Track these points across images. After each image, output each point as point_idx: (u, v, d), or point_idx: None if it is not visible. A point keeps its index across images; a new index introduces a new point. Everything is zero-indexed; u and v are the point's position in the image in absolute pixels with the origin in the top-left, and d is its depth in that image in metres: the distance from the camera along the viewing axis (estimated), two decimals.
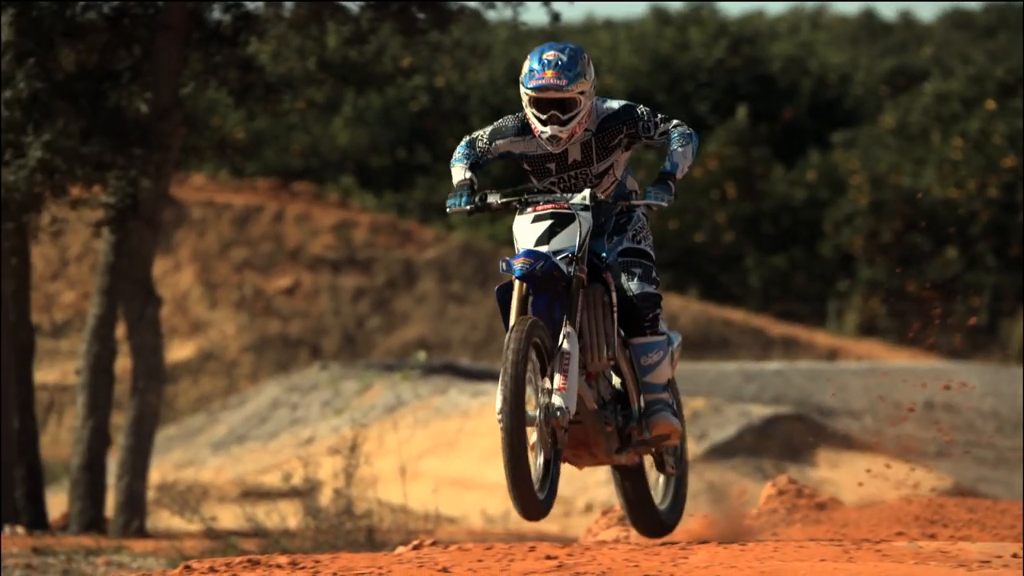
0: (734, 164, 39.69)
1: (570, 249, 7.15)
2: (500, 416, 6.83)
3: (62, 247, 32.70)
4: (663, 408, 7.42)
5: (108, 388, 15.55)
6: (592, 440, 7.31)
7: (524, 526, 19.00)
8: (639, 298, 7.38)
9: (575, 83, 7.26)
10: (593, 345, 7.25)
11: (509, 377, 6.82)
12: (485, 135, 7.45)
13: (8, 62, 14.92)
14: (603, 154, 7.40)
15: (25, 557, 12.91)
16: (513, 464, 6.83)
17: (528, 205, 7.29)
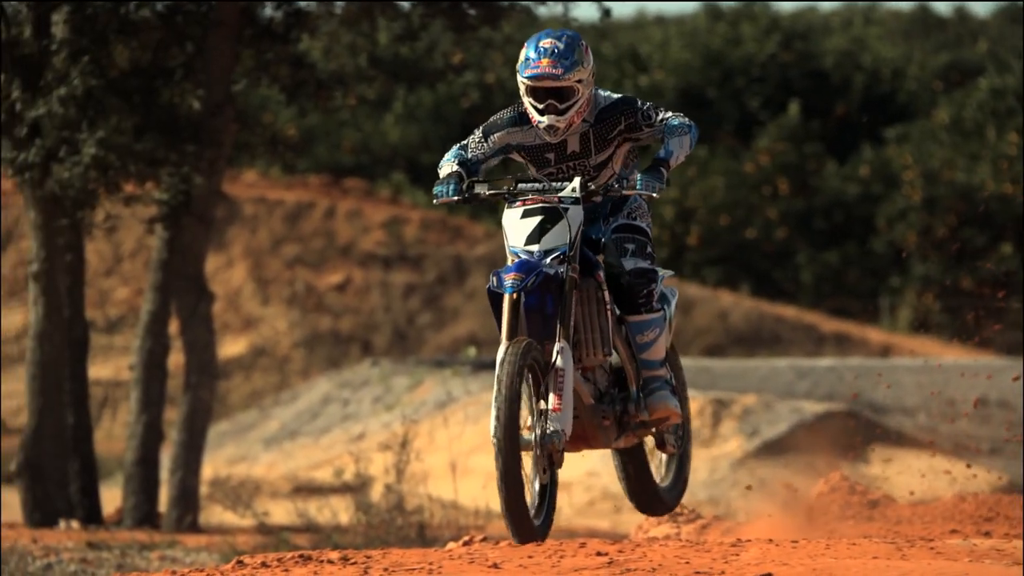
0: (786, 160, 39.50)
1: (562, 248, 6.99)
2: (494, 442, 6.71)
3: (116, 243, 32.93)
4: (661, 387, 7.27)
5: (161, 384, 15.65)
6: (590, 434, 7.18)
7: (574, 522, 18.98)
8: (632, 274, 7.20)
9: (572, 72, 7.11)
10: (588, 341, 7.11)
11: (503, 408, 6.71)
12: (477, 134, 7.27)
13: (63, 60, 15.03)
14: (601, 145, 7.20)
15: (80, 551, 13.00)
16: (508, 492, 6.71)
17: (517, 198, 7.10)
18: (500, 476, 6.74)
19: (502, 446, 6.71)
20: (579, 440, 7.18)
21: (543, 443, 6.86)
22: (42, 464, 15.32)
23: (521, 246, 7.02)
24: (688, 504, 9.59)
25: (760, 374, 26.41)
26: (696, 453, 21.60)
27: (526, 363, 6.80)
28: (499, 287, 6.90)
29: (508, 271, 6.93)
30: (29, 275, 15.55)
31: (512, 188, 7.12)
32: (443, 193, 7.13)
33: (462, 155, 7.23)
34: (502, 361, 6.78)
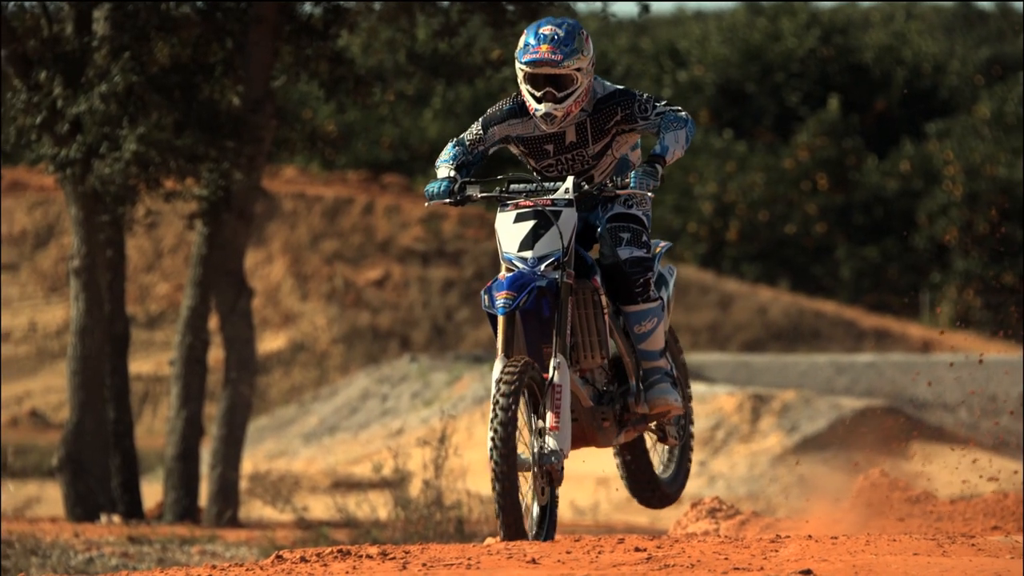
0: (826, 155, 39.34)
1: (556, 254, 6.85)
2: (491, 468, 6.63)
3: (156, 239, 33.09)
4: (661, 379, 7.13)
5: (201, 379, 15.71)
6: (589, 436, 7.06)
7: (613, 518, 18.97)
8: (628, 263, 7.04)
9: (571, 59, 6.94)
10: (585, 344, 6.99)
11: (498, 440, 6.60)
12: (476, 127, 7.10)
13: (104, 56, 15.11)
14: (598, 135, 7.04)
15: (121, 545, 13.07)
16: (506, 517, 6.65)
17: (509, 200, 6.96)
18: (498, 502, 6.65)
19: (499, 473, 6.61)
20: (579, 441, 7.08)
21: (541, 463, 6.77)
22: (83, 459, 15.40)
23: (515, 252, 6.88)
24: (727, 500, 9.56)
25: (799, 370, 26.32)
26: (735, 449, 21.56)
27: (522, 384, 6.67)
28: (491, 307, 6.76)
29: (500, 288, 6.77)
30: (70, 271, 15.64)
31: (504, 189, 6.99)
32: (434, 194, 7.00)
33: (460, 154, 7.09)
34: (498, 382, 6.65)
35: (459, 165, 7.08)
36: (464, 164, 7.10)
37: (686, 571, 5.95)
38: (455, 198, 6.99)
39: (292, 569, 6.35)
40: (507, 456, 6.61)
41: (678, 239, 39.33)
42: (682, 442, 7.46)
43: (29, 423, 30.17)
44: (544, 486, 6.81)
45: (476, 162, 7.11)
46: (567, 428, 6.77)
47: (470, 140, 7.11)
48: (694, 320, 34.77)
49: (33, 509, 20.44)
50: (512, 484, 6.64)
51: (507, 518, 6.65)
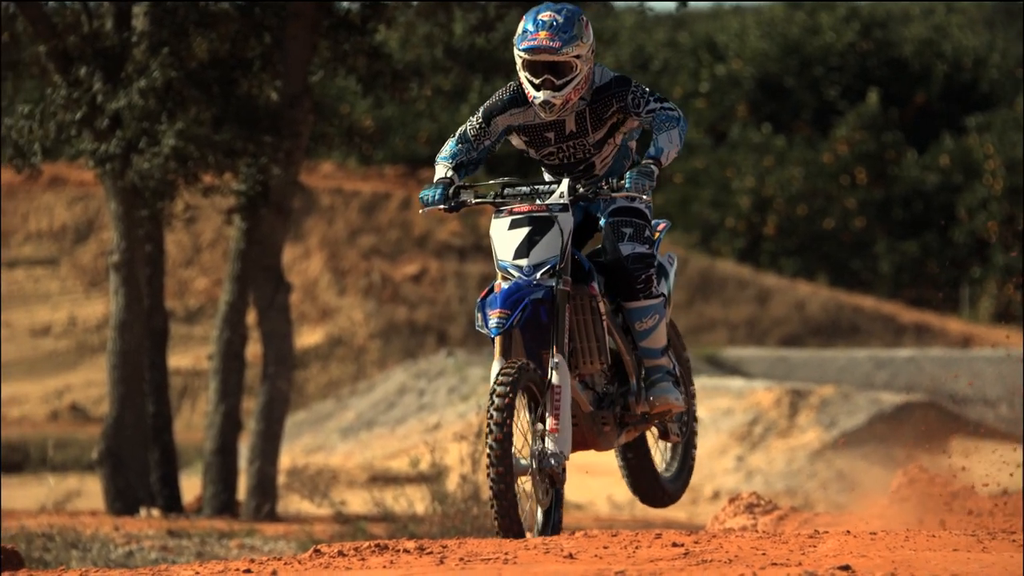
0: (865, 149, 39.16)
1: (552, 261, 6.72)
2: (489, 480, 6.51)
3: (195, 234, 33.22)
4: (663, 378, 7.01)
5: (239, 373, 15.76)
6: (590, 441, 6.95)
7: (650, 513, 18.94)
8: (630, 259, 6.91)
9: (570, 46, 6.79)
10: (584, 350, 6.86)
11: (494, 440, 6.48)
12: (477, 119, 6.96)
13: (143, 52, 15.17)
14: (597, 125, 6.93)
15: (160, 539, 13.12)
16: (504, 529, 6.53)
17: (504, 206, 6.84)
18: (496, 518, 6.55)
19: (497, 490, 6.53)
20: (579, 446, 6.97)
21: (542, 467, 6.66)
22: (123, 453, 15.48)
23: (510, 260, 6.76)
24: (765, 495, 9.53)
25: (838, 365, 26.22)
26: (773, 444, 21.49)
27: (519, 388, 6.56)
28: (484, 326, 6.67)
29: (493, 306, 6.66)
30: (110, 265, 15.71)
31: (499, 194, 6.87)
32: (429, 200, 6.88)
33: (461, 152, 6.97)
34: (493, 391, 6.54)
35: (458, 164, 6.96)
36: (465, 163, 6.98)
37: (724, 566, 5.94)
38: (449, 204, 6.88)
39: (330, 563, 6.36)
40: (504, 475, 6.50)
41: (715, 233, 39.23)
42: (684, 439, 7.35)
43: (69, 417, 30.35)
44: (546, 489, 6.70)
45: (481, 159, 7.00)
46: (567, 430, 6.65)
47: (474, 135, 6.99)
48: (732, 315, 34.68)
49: (73, 502, 20.57)
50: (511, 502, 6.53)
51: (508, 534, 6.56)
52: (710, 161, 39.79)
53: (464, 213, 7.09)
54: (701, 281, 35.16)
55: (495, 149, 7.03)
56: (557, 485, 6.72)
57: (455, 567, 6.12)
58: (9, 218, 33.64)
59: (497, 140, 6.99)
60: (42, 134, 15.27)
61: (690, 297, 34.80)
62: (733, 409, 21.81)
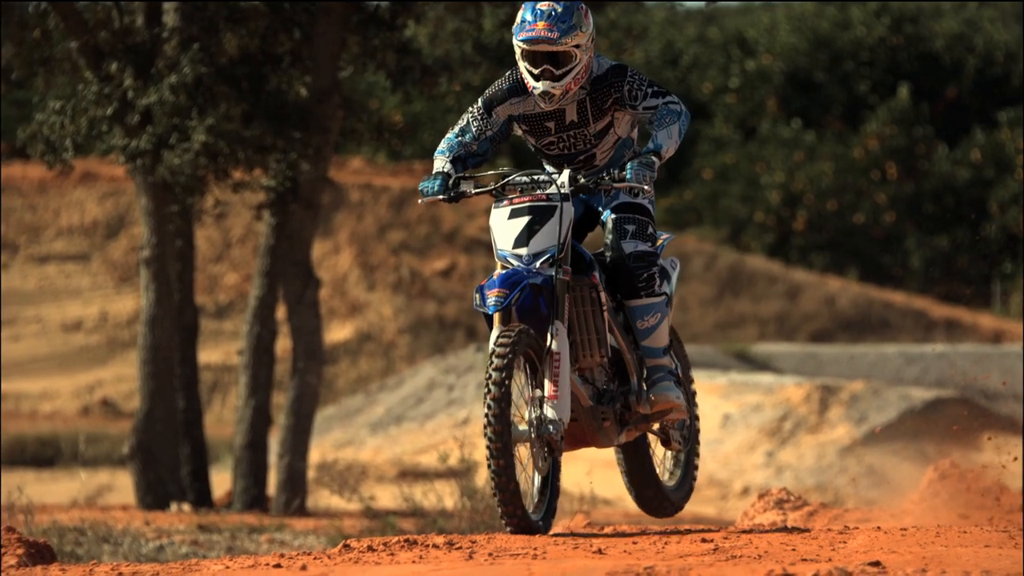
0: (895, 144, 39.01)
1: (551, 250, 6.64)
2: (487, 444, 6.44)
3: (225, 229, 33.31)
4: (664, 378, 6.92)
5: (269, 368, 15.80)
6: (589, 437, 6.85)
7: None
8: (632, 257, 6.85)
9: (569, 35, 6.73)
10: (584, 343, 6.78)
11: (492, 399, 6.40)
12: (477, 109, 6.91)
13: (173, 48, 15.21)
14: (598, 114, 6.86)
15: (191, 534, 13.17)
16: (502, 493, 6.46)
17: (505, 195, 6.77)
18: (493, 477, 6.47)
19: (495, 448, 6.44)
20: (579, 442, 6.89)
21: (540, 434, 6.58)
22: (154, 448, 15.53)
23: (509, 249, 6.70)
24: (795, 491, 9.51)
25: (868, 360, 26.14)
26: (803, 439, 21.43)
27: (517, 354, 6.49)
28: (482, 305, 6.60)
29: (491, 286, 6.59)
30: (140, 261, 15.77)
31: (499, 184, 6.81)
32: (428, 191, 6.85)
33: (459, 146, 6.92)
34: (491, 353, 6.46)
35: (456, 158, 6.90)
36: (464, 156, 6.92)
37: (753, 562, 5.93)
38: (449, 194, 6.84)
39: (359, 558, 6.37)
40: (502, 433, 6.42)
41: (745, 228, 39.13)
42: (687, 448, 7.26)
43: (101, 412, 30.48)
44: (544, 456, 6.62)
45: (485, 151, 6.93)
46: (566, 397, 6.58)
47: (476, 127, 6.94)
48: (761, 310, 34.59)
49: (105, 497, 20.65)
50: (508, 460, 6.45)
51: (503, 495, 6.49)
52: (740, 156, 39.69)
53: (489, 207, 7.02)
54: (730, 276, 35.07)
55: (501, 141, 6.96)
56: (555, 453, 6.64)
57: (484, 562, 6.12)
58: (41, 213, 33.80)
59: (500, 131, 6.93)
60: (73, 130, 15.33)
61: (719, 292, 34.72)
62: (763, 405, 21.76)
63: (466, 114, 6.99)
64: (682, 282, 34.69)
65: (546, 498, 6.69)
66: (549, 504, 6.68)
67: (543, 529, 6.64)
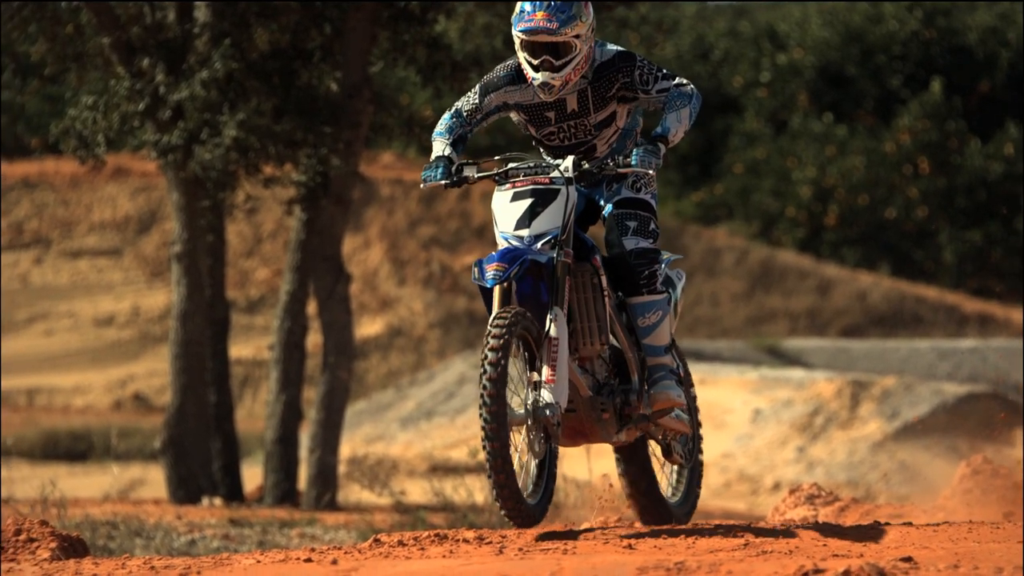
0: (927, 138, 38.83)
1: (553, 232, 6.57)
2: (482, 425, 6.33)
3: (256, 224, 33.39)
4: (666, 377, 6.83)
5: (300, 363, 15.83)
6: (588, 429, 6.76)
7: (710, 504, 18.88)
8: (633, 254, 6.77)
9: (568, 26, 6.64)
10: (584, 330, 6.69)
11: (488, 379, 6.31)
12: (474, 93, 6.85)
13: (205, 43, 15.25)
14: (600, 103, 6.77)
15: (222, 528, 13.21)
16: (497, 475, 6.34)
17: (507, 179, 6.70)
18: (489, 459, 6.37)
19: (490, 429, 6.34)
20: (578, 435, 6.80)
21: (537, 417, 6.48)
22: (185, 442, 15.58)
23: (511, 231, 6.63)
24: (826, 486, 9.47)
25: (900, 356, 26.03)
26: (834, 435, 21.36)
27: (513, 335, 6.38)
28: (481, 279, 6.51)
29: (491, 260, 6.52)
30: (172, 256, 15.82)
31: (502, 169, 6.75)
32: (431, 178, 6.77)
33: (456, 126, 6.86)
34: (487, 334, 6.37)
35: (455, 140, 6.85)
36: (461, 137, 6.87)
37: (784, 557, 5.91)
38: (452, 179, 6.78)
39: (390, 552, 6.38)
40: (498, 414, 6.33)
41: (776, 223, 39.01)
42: (691, 465, 7.19)
43: (133, 406, 30.60)
44: (541, 440, 6.53)
45: (473, 129, 6.87)
46: (564, 381, 6.50)
47: (467, 111, 6.89)
48: (792, 305, 34.49)
49: (137, 491, 20.73)
50: (503, 442, 6.35)
51: (498, 477, 6.39)
52: (771, 151, 39.57)
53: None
54: (762, 271, 34.98)
55: (484, 125, 6.89)
56: (552, 441, 6.56)
57: (514, 557, 6.12)
58: (73, 209, 33.96)
59: (487, 116, 6.86)
60: (106, 125, 15.38)
61: (751, 287, 34.63)
62: (794, 400, 21.70)
63: (464, 96, 6.94)
64: (713, 277, 34.63)
65: (542, 484, 6.60)
66: (545, 490, 6.60)
67: (538, 514, 6.55)
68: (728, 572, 5.50)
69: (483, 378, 6.35)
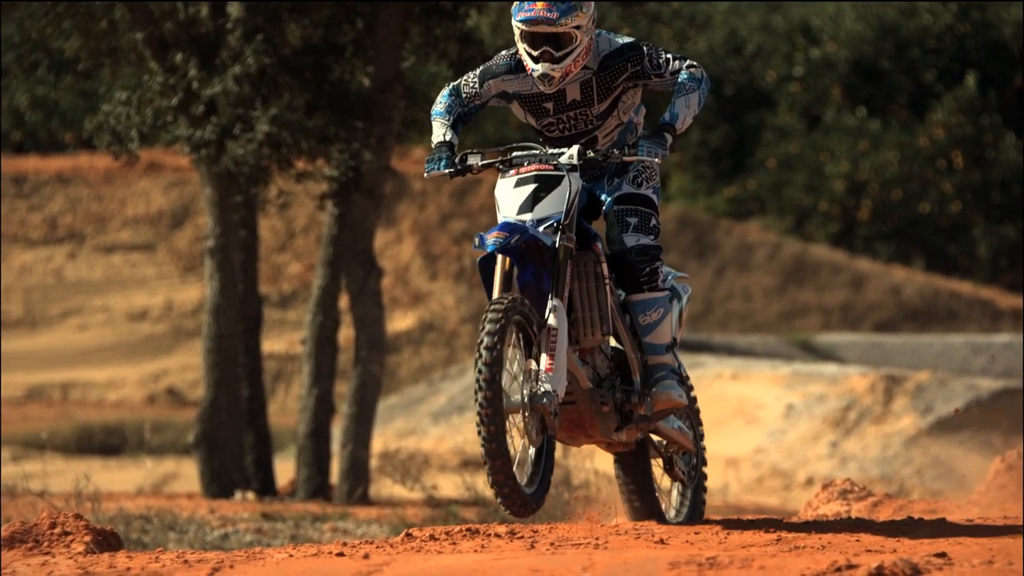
0: (962, 133, 38.64)
1: (556, 216, 6.49)
2: (477, 410, 6.24)
3: (288, 219, 33.47)
4: (667, 376, 6.74)
5: (332, 358, 15.86)
6: (588, 422, 6.65)
7: (743, 499, 18.84)
8: (634, 251, 6.68)
9: (568, 16, 6.57)
10: (586, 320, 6.60)
11: (483, 363, 6.21)
12: (474, 77, 6.77)
13: (237, 38, 15.28)
14: (604, 94, 6.68)
15: (255, 522, 13.24)
16: (492, 462, 6.24)
17: (511, 167, 6.65)
18: (484, 444, 6.27)
19: (485, 414, 6.24)
20: (577, 428, 6.70)
21: (533, 404, 6.38)
22: (218, 436, 15.63)
23: (513, 216, 6.56)
24: (859, 481, 9.43)
25: (934, 350, 25.92)
26: (867, 430, 21.29)
27: (510, 321, 6.28)
28: (481, 246, 6.44)
29: (491, 231, 6.47)
30: (205, 251, 15.86)
31: (506, 157, 6.69)
32: (434, 168, 6.70)
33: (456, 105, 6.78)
34: (483, 319, 6.27)
35: (455, 120, 6.77)
36: (460, 117, 6.81)
37: (816, 552, 5.89)
38: (455, 168, 6.71)
39: (421, 547, 6.38)
40: (493, 399, 6.24)
41: (809, 218, 38.88)
42: (694, 484, 7.10)
43: (166, 400, 30.72)
44: (538, 428, 6.43)
45: (472, 113, 6.82)
46: (562, 371, 6.41)
47: (467, 93, 6.82)
48: (826, 300, 34.37)
49: (170, 485, 20.81)
50: (499, 427, 6.26)
51: (493, 462, 6.29)
52: (804, 145, 39.45)
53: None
54: (795, 266, 34.87)
55: (482, 110, 6.84)
56: (549, 430, 6.47)
57: (546, 552, 6.11)
58: (107, 203, 34.10)
59: (485, 103, 6.81)
60: (139, 120, 15.44)
61: (783, 282, 34.52)
62: (827, 395, 21.63)
63: (463, 77, 6.88)
64: (746, 272, 34.53)
65: (540, 472, 6.52)
66: (543, 479, 6.51)
67: (534, 503, 6.46)
68: (760, 567, 5.49)
69: (478, 362, 6.27)
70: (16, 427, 25.70)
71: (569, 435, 6.76)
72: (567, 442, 6.80)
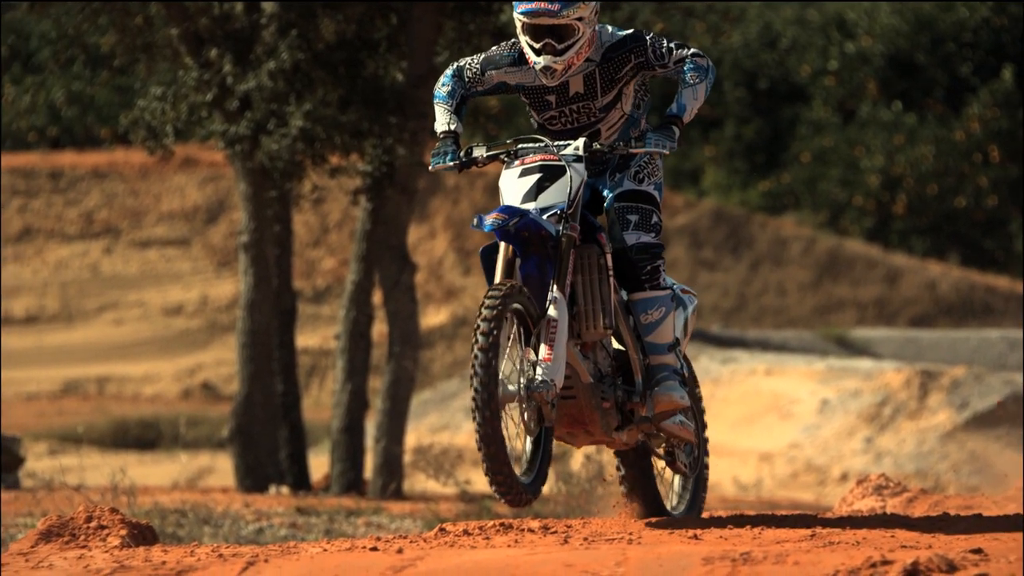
0: (998, 127, 38.42)
1: (559, 205, 6.42)
2: (473, 397, 6.21)
3: (322, 214, 33.55)
4: (669, 376, 6.65)
5: (366, 353, 15.89)
6: (588, 417, 6.56)
7: (777, 494, 18.79)
8: (635, 249, 6.61)
9: (570, 8, 6.49)
10: (588, 313, 6.52)
11: (479, 348, 6.17)
12: (476, 64, 6.72)
13: (272, 34, 15.32)
14: (608, 86, 6.62)
15: (289, 516, 13.28)
16: (487, 449, 6.20)
17: (516, 158, 6.58)
18: (478, 433, 6.24)
19: (481, 401, 6.18)
20: (576, 424, 6.63)
21: (530, 393, 6.33)
22: (253, 431, 15.68)
23: (517, 205, 6.48)
24: (894, 477, 9.40)
25: (970, 346, 25.80)
26: (902, 425, 21.20)
27: (508, 307, 6.22)
28: (479, 226, 6.36)
29: (491, 212, 6.39)
30: (239, 246, 15.91)
31: (511, 149, 6.63)
32: (440, 162, 6.66)
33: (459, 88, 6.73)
34: (481, 305, 6.23)
35: (457, 105, 6.73)
36: (463, 100, 6.76)
37: (851, 548, 5.87)
38: (461, 162, 6.67)
39: (455, 542, 6.39)
40: (488, 384, 6.19)
41: (844, 212, 38.75)
42: (695, 475, 7.04)
43: (201, 395, 30.85)
44: (534, 418, 6.38)
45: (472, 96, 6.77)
46: (561, 361, 6.34)
47: (469, 76, 6.78)
48: (861, 295, 34.24)
49: (205, 479, 20.90)
50: (494, 413, 6.22)
51: (488, 449, 6.25)
52: (839, 139, 39.30)
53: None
54: (829, 261, 34.75)
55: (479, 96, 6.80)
56: (546, 421, 6.41)
57: (579, 547, 6.11)
58: (142, 199, 34.25)
59: (487, 91, 6.77)
60: (174, 116, 15.50)
61: (818, 277, 34.41)
62: (862, 390, 21.56)
63: (466, 61, 6.82)
64: (780, 266, 34.42)
65: (536, 462, 6.46)
66: (540, 469, 6.45)
67: (530, 492, 6.40)
68: (795, 563, 5.47)
69: (474, 347, 6.23)
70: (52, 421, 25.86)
71: (569, 432, 6.70)
72: (567, 440, 6.75)
